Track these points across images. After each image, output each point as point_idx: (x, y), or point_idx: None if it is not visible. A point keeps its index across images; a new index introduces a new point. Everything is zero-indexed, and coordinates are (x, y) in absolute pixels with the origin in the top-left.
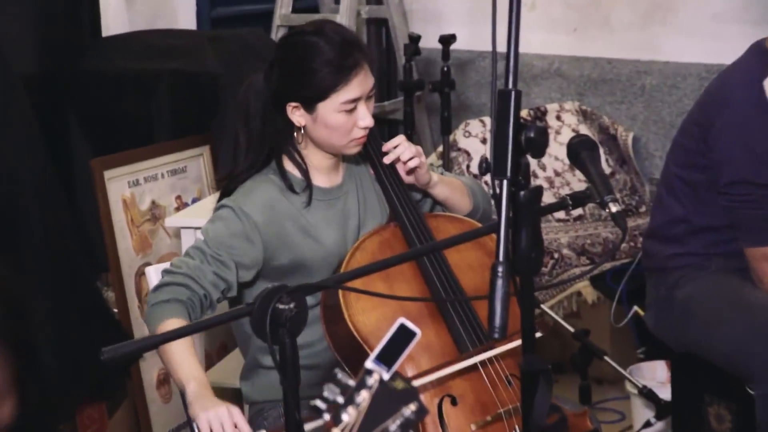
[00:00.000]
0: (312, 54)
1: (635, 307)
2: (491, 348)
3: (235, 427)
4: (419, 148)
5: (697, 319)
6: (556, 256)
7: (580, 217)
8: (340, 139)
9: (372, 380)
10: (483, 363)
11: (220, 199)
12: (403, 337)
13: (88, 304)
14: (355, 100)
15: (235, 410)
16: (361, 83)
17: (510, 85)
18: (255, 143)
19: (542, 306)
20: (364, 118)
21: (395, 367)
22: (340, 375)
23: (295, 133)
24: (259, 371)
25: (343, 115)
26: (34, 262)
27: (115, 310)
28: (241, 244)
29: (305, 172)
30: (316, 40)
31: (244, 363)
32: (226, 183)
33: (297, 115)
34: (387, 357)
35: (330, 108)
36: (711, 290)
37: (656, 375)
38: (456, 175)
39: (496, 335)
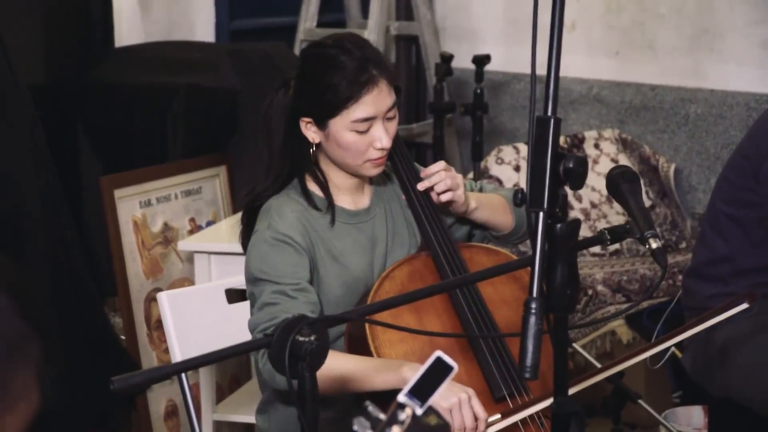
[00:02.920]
0: (328, 67)
1: (672, 349)
2: (526, 388)
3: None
4: (459, 178)
5: (737, 363)
6: (590, 292)
7: (616, 252)
8: (353, 159)
9: (404, 415)
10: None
11: (246, 214)
12: (439, 370)
13: (93, 330)
14: (368, 120)
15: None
16: (375, 101)
17: (549, 112)
18: (276, 160)
19: (574, 345)
20: (381, 138)
21: (429, 402)
22: (370, 408)
23: (311, 150)
24: (277, 405)
25: (354, 134)
26: (37, 283)
27: (123, 337)
28: (300, 263)
29: (327, 191)
30: (335, 53)
31: (262, 397)
32: (249, 200)
33: (311, 131)
34: (421, 391)
35: (341, 126)
36: (754, 333)
37: (692, 421)
38: (496, 189)
39: (527, 375)
